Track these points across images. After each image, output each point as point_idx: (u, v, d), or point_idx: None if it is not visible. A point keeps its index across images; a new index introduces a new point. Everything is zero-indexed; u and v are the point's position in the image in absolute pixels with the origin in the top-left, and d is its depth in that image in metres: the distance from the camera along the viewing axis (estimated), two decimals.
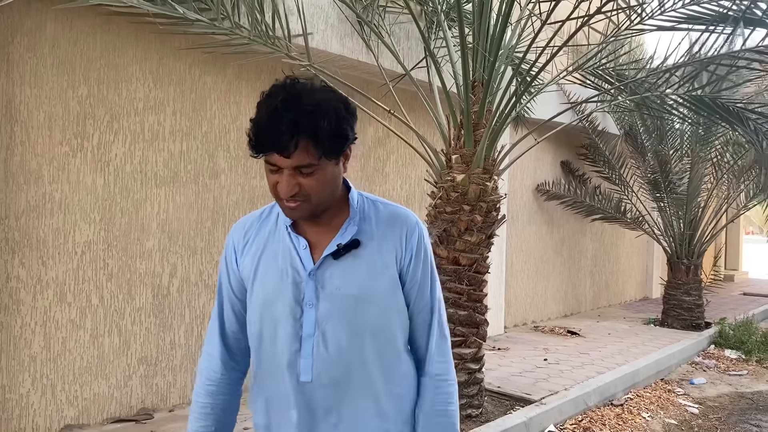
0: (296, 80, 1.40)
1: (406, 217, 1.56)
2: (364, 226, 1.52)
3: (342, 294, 1.46)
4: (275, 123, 1.31)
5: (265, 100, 1.37)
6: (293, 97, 1.34)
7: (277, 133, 1.32)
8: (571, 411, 4.93)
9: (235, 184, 4.78)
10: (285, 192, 1.39)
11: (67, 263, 3.87)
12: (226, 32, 4.02)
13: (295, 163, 1.35)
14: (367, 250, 1.49)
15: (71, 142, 3.88)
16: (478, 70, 4.47)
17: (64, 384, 3.87)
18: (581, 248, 9.59)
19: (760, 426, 5.21)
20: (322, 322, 1.45)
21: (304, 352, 1.45)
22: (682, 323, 8.36)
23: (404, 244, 1.52)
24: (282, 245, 1.52)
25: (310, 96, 1.36)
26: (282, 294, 1.48)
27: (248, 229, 1.59)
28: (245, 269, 1.55)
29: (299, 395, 1.47)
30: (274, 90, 1.38)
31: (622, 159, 8.97)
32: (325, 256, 1.48)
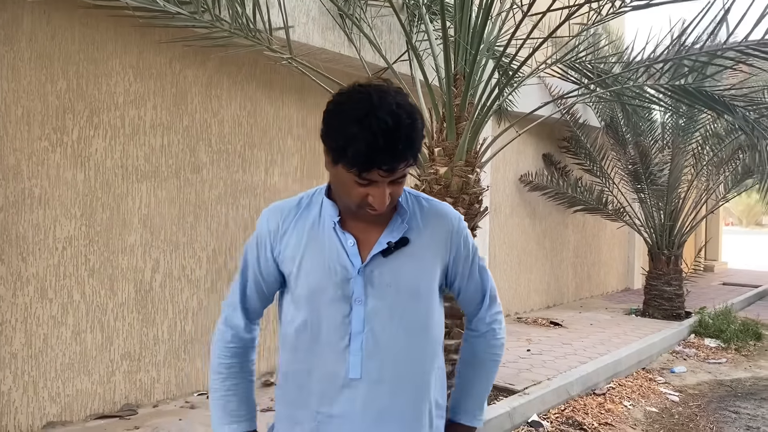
0: (384, 88, 1.38)
1: (450, 213, 1.59)
2: (412, 223, 1.53)
3: (391, 291, 1.48)
4: (393, 144, 1.31)
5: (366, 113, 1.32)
6: (400, 111, 1.33)
7: (392, 155, 1.32)
8: (554, 400, 4.98)
9: (217, 178, 4.76)
10: (381, 204, 1.40)
11: (48, 259, 3.84)
12: (207, 25, 3.99)
13: (396, 176, 1.37)
14: (414, 248, 1.51)
15: (50, 136, 3.84)
16: (459, 63, 4.48)
17: (46, 381, 3.85)
18: (563, 240, 9.67)
19: (738, 412, 5.30)
20: (371, 319, 1.46)
21: (353, 348, 1.46)
22: (663, 313, 8.47)
23: (450, 241, 1.56)
24: (328, 241, 1.51)
25: (407, 107, 1.36)
26: (330, 291, 1.47)
27: (285, 217, 1.55)
28: (287, 261, 1.53)
29: (346, 390, 1.47)
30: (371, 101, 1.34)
31: (603, 151, 9.05)
32: (374, 254, 1.48)
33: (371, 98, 1.34)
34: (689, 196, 8.64)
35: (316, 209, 1.56)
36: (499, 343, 1.70)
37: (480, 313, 1.68)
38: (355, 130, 1.31)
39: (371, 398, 1.47)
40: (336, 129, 1.36)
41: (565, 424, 4.68)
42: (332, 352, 1.47)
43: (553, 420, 4.72)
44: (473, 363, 1.71)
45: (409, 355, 1.50)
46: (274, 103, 5.16)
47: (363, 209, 1.43)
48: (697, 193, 8.81)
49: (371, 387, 1.47)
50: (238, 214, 4.91)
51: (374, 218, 1.50)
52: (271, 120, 5.14)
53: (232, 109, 4.86)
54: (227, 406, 1.59)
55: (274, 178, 5.17)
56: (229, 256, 4.84)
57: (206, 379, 4.71)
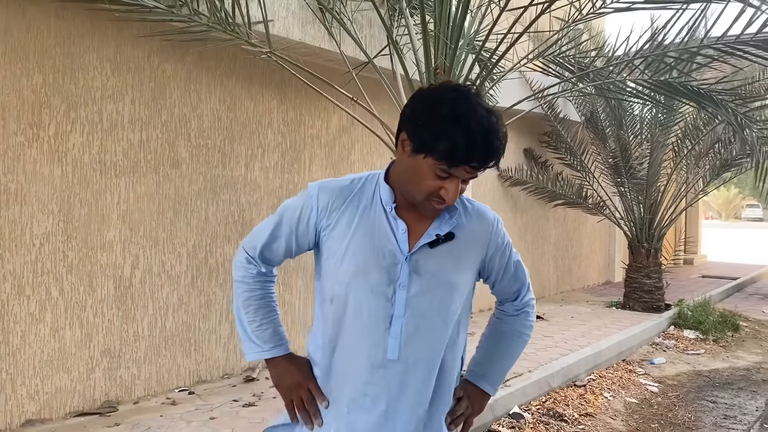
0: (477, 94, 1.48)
1: (489, 214, 1.71)
2: (459, 220, 1.63)
3: (434, 280, 1.57)
4: (489, 145, 1.43)
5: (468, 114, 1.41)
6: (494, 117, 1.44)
7: (487, 155, 1.44)
8: (535, 392, 5.03)
9: (196, 173, 4.73)
10: (452, 199, 1.49)
11: (25, 255, 3.80)
12: (185, 19, 3.96)
13: (475, 174, 1.49)
14: (458, 243, 1.60)
15: (26, 131, 3.79)
16: (439, 57, 4.49)
17: (24, 378, 3.81)
18: (544, 234, 9.73)
19: (716, 401, 5.39)
20: (413, 304, 1.54)
21: (394, 330, 1.54)
22: (643, 305, 8.56)
23: (490, 240, 1.68)
24: (379, 225, 1.58)
25: (499, 116, 1.47)
26: (375, 273, 1.54)
27: (337, 196, 1.61)
28: (335, 239, 1.59)
29: (381, 370, 1.55)
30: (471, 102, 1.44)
31: (583, 145, 9.12)
32: (423, 244, 1.57)
33: (469, 99, 1.45)
34: (668, 189, 8.73)
35: (370, 192, 1.62)
36: (528, 324, 1.83)
37: (515, 302, 1.82)
38: (453, 126, 1.40)
39: (406, 379, 1.56)
40: (432, 122, 1.43)
41: (546, 415, 4.72)
42: (372, 333, 1.55)
43: (535, 412, 4.76)
44: (502, 336, 1.83)
45: (441, 342, 1.60)
46: (254, 98, 5.14)
47: (429, 201, 1.51)
48: (677, 186, 8.91)
49: (407, 369, 1.56)
50: (218, 209, 4.88)
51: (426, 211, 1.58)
52: (251, 114, 5.12)
53: (211, 103, 4.83)
54: (264, 334, 1.68)
55: (254, 172, 5.15)
56: (209, 251, 4.81)
57: (188, 374, 4.69)
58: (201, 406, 4.27)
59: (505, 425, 4.44)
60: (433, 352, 1.60)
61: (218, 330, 4.90)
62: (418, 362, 1.57)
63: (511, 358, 1.86)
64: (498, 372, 1.85)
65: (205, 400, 4.39)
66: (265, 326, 1.68)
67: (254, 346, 1.68)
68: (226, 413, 4.13)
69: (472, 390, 1.80)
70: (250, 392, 4.57)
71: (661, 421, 4.87)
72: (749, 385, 5.91)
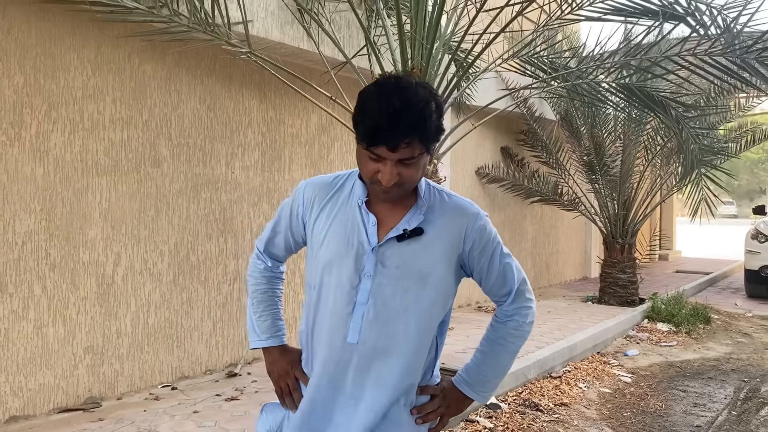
0: (400, 77, 1.56)
1: (468, 209, 1.73)
2: (429, 215, 1.68)
3: (398, 273, 1.63)
4: (393, 123, 1.47)
5: (377, 96, 1.51)
6: (406, 98, 1.49)
7: (393, 133, 1.48)
8: (512, 384, 5.15)
9: (177, 172, 4.79)
10: (387, 180, 1.54)
11: (8, 254, 3.84)
12: (165, 20, 4.03)
13: (401, 156, 1.52)
14: (428, 238, 1.65)
15: (8, 131, 3.83)
16: (416, 58, 4.60)
17: (7, 375, 3.85)
18: (522, 231, 9.90)
19: (686, 391, 5.56)
20: (375, 293, 1.62)
21: (355, 316, 1.62)
22: (618, 300, 8.75)
23: (466, 234, 1.69)
24: (351, 217, 1.68)
25: (417, 95, 1.51)
26: (345, 261, 1.64)
27: (320, 191, 1.74)
28: (317, 231, 1.71)
29: (342, 353, 1.64)
30: (385, 88, 1.52)
31: (558, 143, 9.29)
32: (390, 237, 1.64)
33: (388, 84, 1.54)
34: (642, 186, 8.93)
35: (349, 188, 1.74)
36: (518, 333, 1.82)
37: (504, 307, 1.81)
38: (365, 110, 1.51)
39: (367, 365, 1.65)
40: (358, 107, 1.55)
41: (522, 405, 4.85)
42: (337, 317, 1.65)
43: (511, 402, 4.89)
44: (488, 342, 1.83)
45: (405, 331, 1.65)
46: (233, 97, 5.21)
47: (375, 185, 1.59)
48: (650, 183, 9.12)
49: (367, 354, 1.64)
50: (199, 207, 4.95)
51: (396, 204, 1.67)
52: (231, 114, 5.19)
53: (191, 103, 4.89)
54: (263, 325, 1.84)
55: (235, 171, 5.21)
56: (191, 249, 4.88)
57: (170, 370, 4.75)
58: (184, 401, 4.34)
59: (482, 415, 4.56)
60: (398, 340, 1.64)
61: (200, 326, 4.96)
62: (377, 348, 1.64)
63: (495, 365, 1.85)
64: (482, 378, 1.84)
65: (188, 395, 4.45)
66: (264, 318, 1.83)
67: (254, 335, 1.84)
68: (209, 407, 4.20)
69: (451, 391, 1.83)
70: (232, 387, 4.65)
71: (633, 410, 5.02)
72: (719, 374, 6.10)
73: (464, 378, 1.84)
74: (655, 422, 4.77)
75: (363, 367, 1.65)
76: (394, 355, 1.65)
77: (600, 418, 4.80)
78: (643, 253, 10.39)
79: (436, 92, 1.61)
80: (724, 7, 4.53)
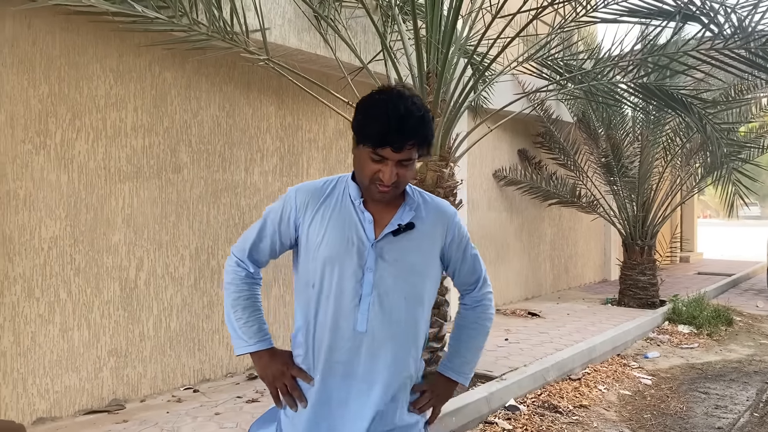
0: (401, 89, 1.74)
1: (448, 209, 1.95)
2: (417, 213, 1.87)
3: (397, 264, 1.80)
4: (400, 127, 1.65)
5: (384, 104, 1.68)
6: (409, 106, 1.68)
7: (401, 135, 1.66)
8: (531, 386, 5.16)
9: (197, 177, 4.87)
10: (388, 179, 1.72)
11: (34, 259, 3.94)
12: (185, 29, 4.11)
13: (402, 157, 1.70)
14: (418, 232, 1.85)
15: (34, 140, 3.94)
16: (431, 62, 4.64)
17: (35, 378, 3.94)
18: (540, 233, 9.88)
19: (708, 393, 5.52)
20: (378, 285, 1.78)
21: (362, 307, 1.78)
22: (638, 302, 8.70)
23: (447, 230, 1.91)
24: (349, 217, 1.82)
25: (416, 104, 1.71)
26: (347, 258, 1.78)
27: (312, 196, 1.87)
28: (312, 234, 1.83)
29: (353, 341, 1.79)
30: (390, 96, 1.71)
31: (576, 145, 9.27)
32: (387, 233, 1.81)
33: (392, 93, 1.72)
34: (661, 187, 8.87)
35: (341, 191, 1.88)
36: (486, 316, 2.03)
37: (473, 293, 2.02)
38: (375, 113, 1.68)
39: (373, 348, 1.80)
40: (362, 113, 1.73)
41: (541, 407, 4.86)
42: (344, 309, 1.79)
43: (530, 404, 4.89)
44: (463, 328, 2.03)
45: (405, 318, 1.83)
46: (252, 104, 5.28)
47: (374, 185, 1.74)
48: (669, 184, 9.06)
49: (375, 341, 1.79)
50: (219, 212, 5.02)
51: (388, 203, 1.83)
52: (250, 120, 5.27)
53: (211, 110, 4.97)
54: (250, 330, 1.89)
55: (254, 176, 5.29)
56: (211, 253, 4.95)
57: (192, 373, 4.82)
58: (206, 402, 4.41)
59: (501, 417, 4.57)
60: (399, 327, 1.82)
61: (221, 330, 5.03)
62: (387, 336, 1.80)
63: (471, 347, 2.02)
64: (461, 361, 2.02)
65: (210, 398, 4.52)
66: (251, 323, 1.89)
67: (241, 342, 1.89)
68: (230, 409, 4.27)
69: (437, 379, 2.01)
70: (253, 389, 4.71)
71: (653, 412, 5.00)
72: (741, 376, 6.04)
73: (448, 365, 2.02)
74: (675, 424, 4.74)
75: (373, 353, 1.79)
76: (399, 340, 1.82)
77: (620, 420, 4.79)
78: (663, 255, 10.29)
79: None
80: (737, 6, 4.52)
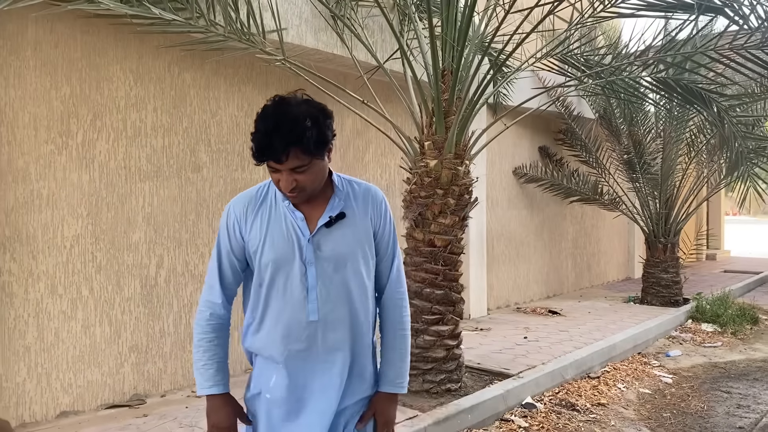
0: (282, 98, 1.77)
1: (376, 191, 2.03)
2: (347, 202, 1.95)
3: (334, 254, 1.90)
4: (269, 140, 1.70)
5: (260, 118, 1.74)
6: (282, 116, 1.71)
7: (271, 148, 1.71)
8: (548, 384, 5.14)
9: (217, 176, 4.94)
10: (285, 188, 1.80)
11: (57, 257, 4.03)
12: (202, 30, 4.17)
13: (289, 166, 1.75)
14: (351, 219, 1.93)
15: (56, 140, 4.03)
16: (447, 60, 4.65)
17: (58, 372, 4.04)
18: (562, 231, 9.81)
19: (730, 392, 5.45)
20: (321, 275, 1.89)
21: (311, 298, 1.88)
22: (661, 300, 8.60)
23: (376, 212, 1.99)
24: (284, 218, 1.91)
25: (295, 111, 1.72)
26: (289, 256, 1.88)
27: (248, 205, 1.94)
28: (253, 238, 1.91)
29: (308, 330, 1.89)
30: (267, 110, 1.74)
31: (598, 142, 9.19)
32: (320, 226, 1.89)
33: (270, 106, 1.75)
34: (684, 184, 8.76)
35: (273, 195, 1.95)
36: (405, 319, 2.08)
37: (387, 291, 2.05)
38: (255, 128, 1.74)
39: (328, 332, 1.91)
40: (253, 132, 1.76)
41: (558, 405, 4.84)
42: (296, 303, 1.89)
43: (547, 402, 4.88)
44: (386, 335, 2.07)
45: (351, 302, 1.93)
46: None
47: (282, 192, 1.83)
48: (693, 181, 8.94)
49: (327, 326, 1.90)
50: None
51: (316, 199, 1.91)
52: None
53: (230, 110, 5.04)
54: (206, 373, 1.96)
55: None
56: None
57: None
58: None
59: (518, 414, 4.57)
60: (348, 308, 1.92)
61: (239, 326, 5.08)
62: (335, 320, 1.91)
63: (399, 353, 2.05)
64: (396, 373, 2.04)
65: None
66: (208, 366, 1.95)
67: (199, 382, 1.96)
68: None
69: (378, 397, 2.04)
70: None
71: (673, 411, 4.96)
72: (765, 375, 5.95)
73: (385, 380, 2.05)
74: (695, 423, 4.70)
75: (329, 336, 1.91)
76: (351, 318, 1.93)
77: (638, 419, 4.75)
78: (687, 253, 10.15)
79: (322, 106, 1.80)
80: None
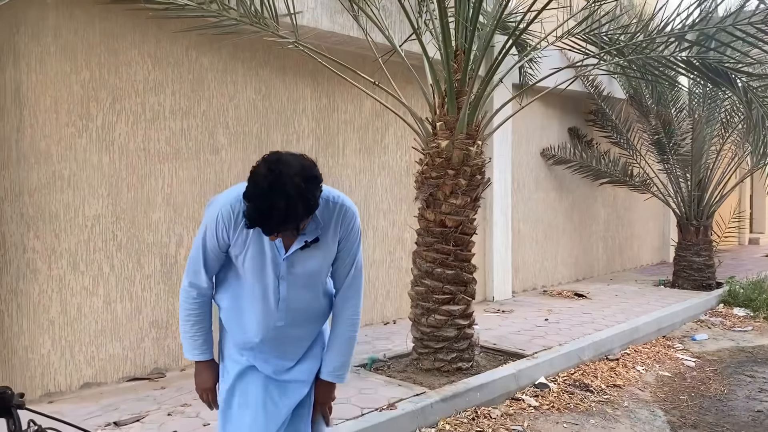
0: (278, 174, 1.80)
1: (346, 210, 2.17)
2: (324, 223, 2.12)
3: (304, 272, 2.17)
4: (262, 222, 1.84)
5: (255, 192, 1.81)
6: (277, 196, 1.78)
7: (264, 227, 1.87)
8: (564, 364, 5.13)
9: (235, 159, 5.06)
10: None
11: (79, 235, 4.21)
12: (215, 14, 4.26)
13: (280, 236, 1.98)
14: (323, 242, 2.14)
15: (77, 123, 4.19)
16: (459, 39, 4.64)
17: (81, 346, 4.23)
18: (592, 213, 9.68)
19: (754, 376, 5.35)
20: (290, 289, 2.17)
21: (281, 307, 2.18)
22: (693, 284, 8.44)
23: (344, 228, 2.18)
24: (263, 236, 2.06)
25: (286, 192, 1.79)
26: (268, 269, 2.14)
27: (236, 216, 2.05)
28: (237, 246, 2.11)
29: (276, 331, 2.21)
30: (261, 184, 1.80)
31: (628, 123, 9.02)
32: (294, 249, 2.10)
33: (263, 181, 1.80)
34: (718, 165, 8.53)
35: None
36: (355, 317, 2.31)
37: (342, 290, 2.27)
38: (248, 203, 1.84)
39: (289, 335, 2.25)
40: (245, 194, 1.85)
41: (572, 386, 4.84)
42: (268, 308, 2.18)
43: (561, 382, 4.88)
44: (336, 329, 2.30)
45: (311, 311, 2.28)
46: (288, 87, 5.42)
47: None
48: (728, 162, 8.69)
49: (289, 329, 2.23)
50: None
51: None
52: (286, 102, 5.41)
53: (247, 93, 5.14)
54: (195, 343, 2.27)
55: None
56: None
57: None
58: None
59: (529, 394, 4.59)
60: (309, 313, 2.26)
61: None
62: (297, 324, 2.23)
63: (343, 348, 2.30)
64: (341, 363, 2.31)
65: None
66: (197, 338, 2.25)
67: (187, 350, 2.27)
68: None
69: (319, 384, 2.32)
70: None
71: (691, 393, 4.90)
72: None
73: (329, 370, 2.31)
74: (712, 406, 4.64)
75: (293, 333, 2.25)
76: (311, 320, 2.29)
77: (653, 401, 4.72)
78: (721, 236, 9.89)
79: (315, 173, 1.89)
80: None
